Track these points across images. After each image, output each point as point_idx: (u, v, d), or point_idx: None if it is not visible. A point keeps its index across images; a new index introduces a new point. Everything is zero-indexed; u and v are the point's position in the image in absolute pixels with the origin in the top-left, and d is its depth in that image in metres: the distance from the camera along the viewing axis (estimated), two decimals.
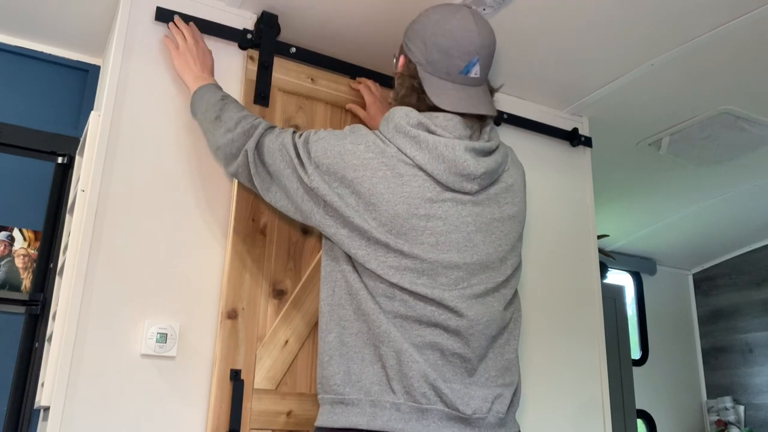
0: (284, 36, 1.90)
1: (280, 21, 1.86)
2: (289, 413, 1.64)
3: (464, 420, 1.23)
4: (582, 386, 2.15)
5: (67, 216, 1.79)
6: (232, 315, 1.63)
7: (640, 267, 3.99)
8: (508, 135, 2.23)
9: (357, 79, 1.98)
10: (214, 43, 1.79)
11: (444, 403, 1.23)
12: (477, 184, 1.31)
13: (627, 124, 2.50)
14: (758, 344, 3.79)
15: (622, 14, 1.83)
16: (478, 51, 1.36)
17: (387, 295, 1.27)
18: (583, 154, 2.40)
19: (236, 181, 1.71)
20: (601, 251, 2.59)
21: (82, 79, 2.08)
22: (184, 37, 1.69)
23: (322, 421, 1.28)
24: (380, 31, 1.93)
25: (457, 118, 1.34)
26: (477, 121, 1.38)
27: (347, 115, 1.95)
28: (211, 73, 1.70)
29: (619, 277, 3.96)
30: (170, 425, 1.52)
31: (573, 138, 2.36)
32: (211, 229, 1.68)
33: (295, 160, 1.35)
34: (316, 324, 1.74)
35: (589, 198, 2.37)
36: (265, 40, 1.83)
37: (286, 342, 1.68)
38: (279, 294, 1.71)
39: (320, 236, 1.81)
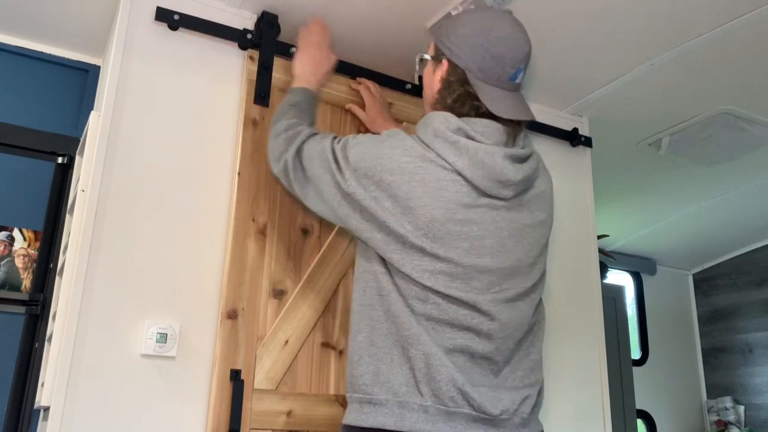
0: (284, 36, 1.90)
1: (280, 21, 1.86)
2: (289, 413, 1.64)
3: (490, 421, 1.25)
4: (582, 386, 2.15)
5: (67, 216, 1.79)
6: (232, 315, 1.63)
7: (640, 267, 3.99)
8: None
9: (357, 79, 1.98)
10: (214, 43, 1.79)
11: (471, 406, 1.24)
12: (513, 190, 1.33)
13: (627, 124, 2.50)
14: (758, 344, 3.79)
15: (622, 14, 1.83)
16: (526, 58, 1.38)
17: (420, 298, 1.27)
18: (583, 154, 2.40)
19: (236, 181, 1.71)
20: (601, 251, 2.59)
21: (82, 79, 2.08)
22: (315, 34, 1.75)
23: (350, 419, 1.29)
24: (380, 31, 1.93)
25: (495, 125, 1.34)
26: (513, 127, 1.38)
27: (347, 115, 1.95)
28: (318, 79, 1.71)
29: (619, 277, 3.97)
30: (170, 425, 1.52)
31: (573, 138, 2.36)
32: (211, 229, 1.68)
33: (333, 165, 1.37)
34: (316, 324, 1.74)
35: (589, 198, 2.37)
36: (265, 40, 1.83)
37: (286, 342, 1.68)
38: (279, 294, 1.71)
39: (320, 237, 1.82)
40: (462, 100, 1.36)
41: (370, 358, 1.29)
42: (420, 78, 1.55)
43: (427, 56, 1.47)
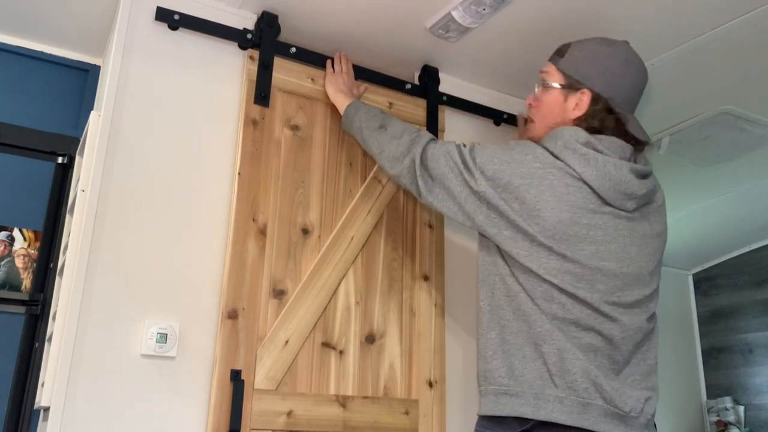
0: (284, 36, 1.90)
1: (280, 21, 1.86)
2: (289, 413, 1.64)
3: (621, 417, 1.31)
4: None
5: (67, 216, 1.79)
6: (232, 315, 1.63)
7: None
8: (508, 134, 2.23)
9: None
10: (214, 43, 1.79)
11: (603, 399, 1.30)
12: (636, 203, 1.41)
13: None
14: (758, 344, 3.78)
15: (622, 14, 1.83)
16: (646, 84, 1.52)
17: (545, 297, 1.35)
18: None
19: (236, 180, 1.71)
20: None
21: (82, 79, 2.08)
22: (342, 65, 1.91)
23: (486, 410, 1.37)
24: (380, 31, 1.93)
25: (620, 141, 1.44)
26: (633, 145, 1.47)
27: None
28: (358, 98, 1.87)
29: None
30: (170, 425, 1.52)
31: None
32: (211, 229, 1.68)
33: (461, 166, 1.46)
34: (317, 324, 1.74)
35: None
36: (265, 40, 1.83)
37: (287, 342, 1.68)
38: (279, 294, 1.71)
39: (320, 237, 1.82)
40: (612, 126, 1.46)
41: (504, 354, 1.37)
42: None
43: (556, 84, 1.52)
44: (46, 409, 1.46)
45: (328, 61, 1.93)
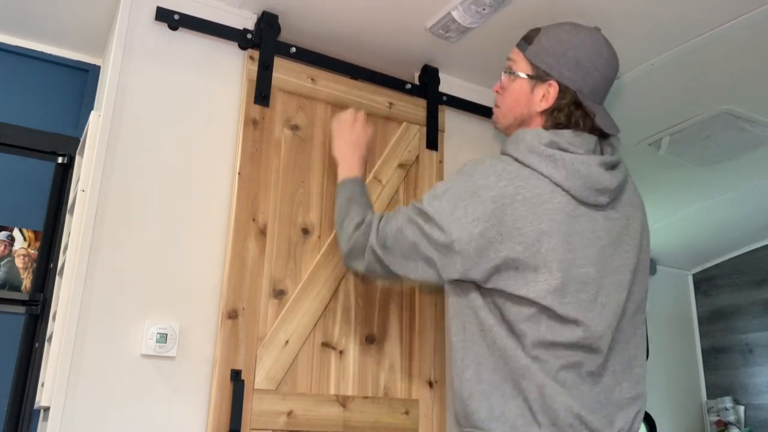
0: (284, 36, 1.90)
1: (280, 21, 1.86)
2: (289, 413, 1.64)
3: None
4: None
5: (67, 216, 1.79)
6: (232, 315, 1.63)
7: None
8: None
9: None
10: (214, 43, 1.79)
11: (590, 429, 1.26)
12: (608, 196, 1.36)
13: (627, 124, 2.48)
14: (758, 344, 3.78)
15: (622, 14, 1.83)
16: (616, 74, 1.46)
17: (533, 321, 1.27)
18: None
19: (236, 180, 1.71)
20: None
21: (82, 79, 2.08)
22: (352, 123, 1.76)
23: None
24: (380, 31, 1.93)
25: (584, 134, 1.39)
26: (598, 135, 1.42)
27: None
28: (359, 160, 1.72)
29: None
30: (170, 425, 1.52)
31: None
32: (212, 229, 1.68)
33: (425, 227, 1.36)
34: (317, 324, 1.74)
35: None
36: (265, 40, 1.83)
37: (287, 342, 1.68)
38: (279, 294, 1.71)
39: (320, 237, 1.81)
40: (580, 120, 1.39)
41: (481, 394, 1.29)
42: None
43: (522, 74, 1.46)
44: (46, 409, 1.46)
45: (334, 118, 1.80)
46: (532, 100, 1.44)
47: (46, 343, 1.73)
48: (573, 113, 1.40)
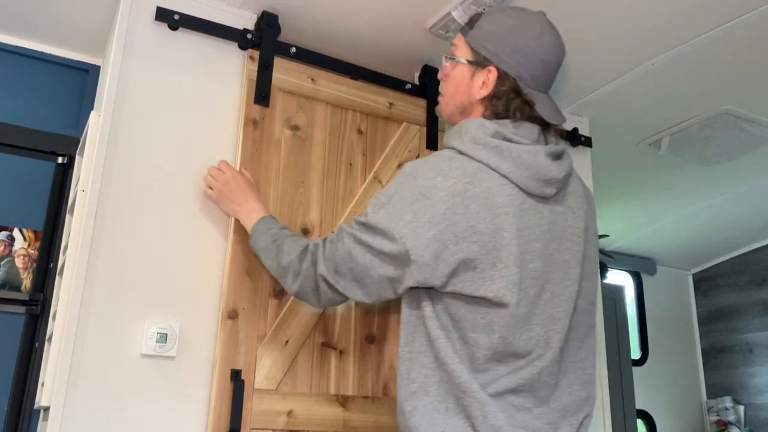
0: (284, 36, 1.90)
1: (280, 21, 1.86)
2: (289, 413, 1.64)
3: None
4: None
5: (67, 216, 1.79)
6: (232, 315, 1.63)
7: (640, 267, 3.99)
8: None
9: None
10: (214, 43, 1.79)
11: None
12: (555, 188, 1.30)
13: (627, 124, 2.49)
14: (758, 344, 3.79)
15: (622, 14, 1.83)
16: (563, 61, 1.39)
17: (486, 332, 1.22)
18: (583, 154, 2.40)
19: None
20: (601, 251, 2.59)
21: (82, 79, 2.08)
22: (214, 178, 1.65)
23: None
24: (380, 31, 1.93)
25: (528, 124, 1.32)
26: (543, 125, 1.36)
27: (347, 113, 1.95)
28: (254, 201, 1.62)
29: (619, 277, 3.97)
30: (170, 425, 1.52)
31: (573, 138, 2.35)
32: (212, 228, 1.68)
33: (374, 243, 1.27)
34: (316, 324, 1.74)
35: None
36: (265, 40, 1.83)
37: (287, 342, 1.68)
38: (279, 294, 1.71)
39: (320, 236, 1.81)
40: (519, 109, 1.33)
41: (424, 408, 1.23)
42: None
43: (463, 60, 1.39)
44: (46, 409, 1.46)
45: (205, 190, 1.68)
46: (472, 87, 1.36)
47: (46, 343, 1.73)
48: (512, 101, 1.33)
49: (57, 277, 1.76)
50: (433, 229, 1.22)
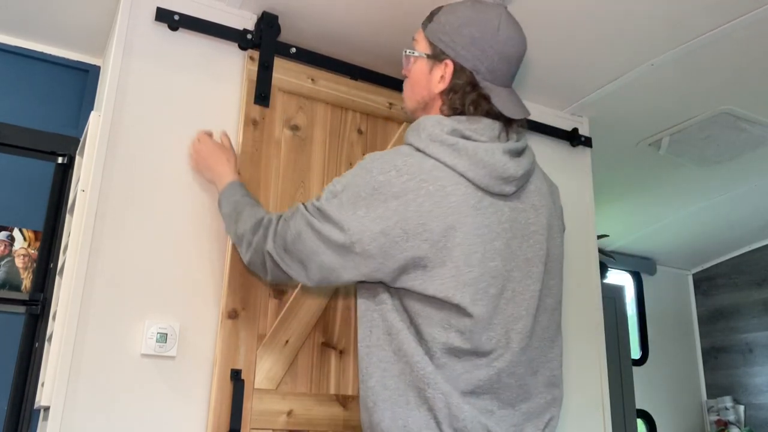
0: (284, 36, 1.90)
1: (280, 21, 1.86)
2: (289, 413, 1.64)
3: None
4: (582, 386, 2.15)
5: (67, 216, 1.79)
6: (232, 315, 1.63)
7: (640, 267, 3.99)
8: None
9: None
10: (214, 44, 1.79)
11: None
12: (515, 185, 1.28)
13: (627, 124, 2.50)
14: (758, 344, 3.79)
15: (622, 14, 1.83)
16: (524, 55, 1.37)
17: (443, 326, 1.21)
18: (583, 154, 2.40)
19: None
20: (601, 251, 2.59)
21: (82, 79, 2.08)
22: (199, 145, 1.66)
23: None
24: (380, 31, 1.93)
25: (487, 120, 1.30)
26: (504, 121, 1.34)
27: (347, 114, 1.95)
28: (229, 163, 1.63)
29: (619, 277, 3.97)
30: (170, 425, 1.52)
31: (573, 138, 2.36)
32: (212, 228, 1.68)
33: (323, 230, 1.26)
34: (317, 324, 1.74)
35: (589, 198, 2.37)
36: (265, 40, 1.83)
37: (287, 342, 1.68)
38: (279, 294, 1.71)
39: None
40: (474, 103, 1.32)
41: (384, 402, 1.22)
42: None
43: (421, 53, 1.38)
44: (46, 409, 1.46)
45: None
46: (431, 81, 1.35)
47: (46, 343, 1.74)
48: (467, 95, 1.31)
49: (57, 277, 1.76)
50: (382, 223, 1.21)
